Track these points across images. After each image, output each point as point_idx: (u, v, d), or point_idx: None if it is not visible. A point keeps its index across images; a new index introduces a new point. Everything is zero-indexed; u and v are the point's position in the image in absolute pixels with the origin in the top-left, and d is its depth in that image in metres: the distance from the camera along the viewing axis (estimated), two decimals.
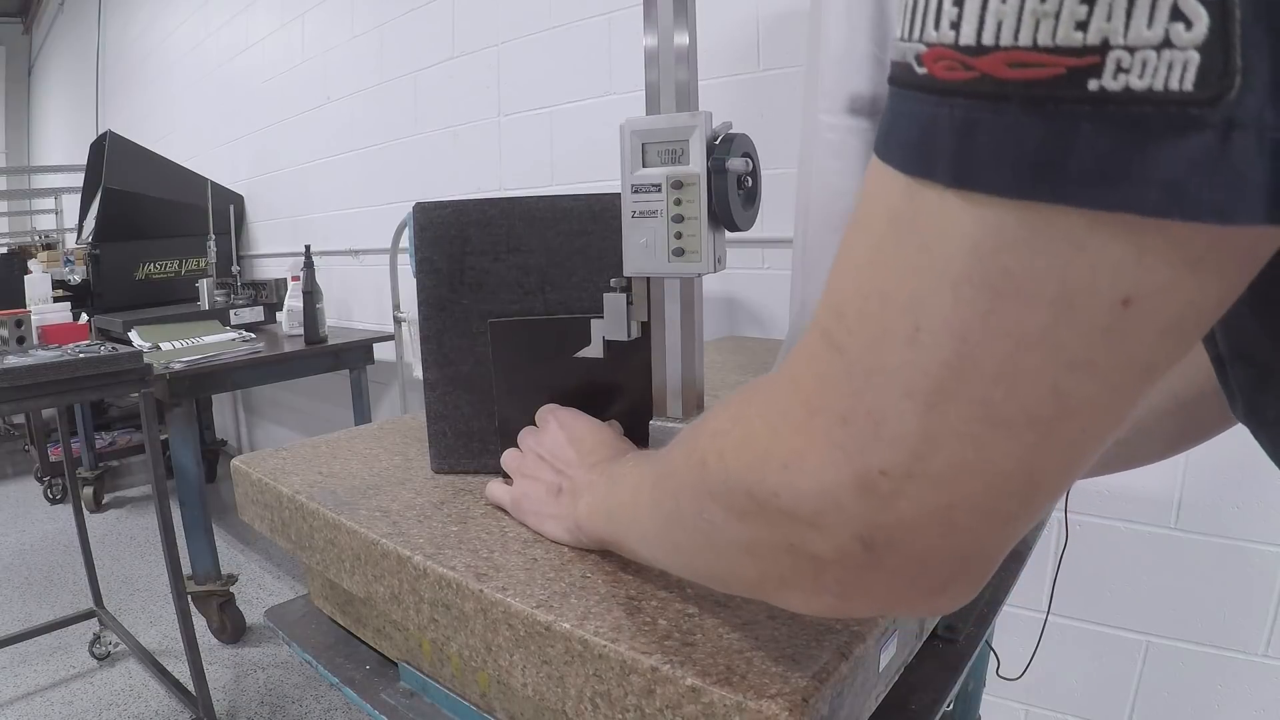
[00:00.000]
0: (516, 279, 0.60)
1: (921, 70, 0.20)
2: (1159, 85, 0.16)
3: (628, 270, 0.53)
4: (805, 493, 0.25)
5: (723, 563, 0.31)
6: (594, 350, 0.58)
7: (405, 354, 2.17)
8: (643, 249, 0.52)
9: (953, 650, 0.72)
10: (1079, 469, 0.23)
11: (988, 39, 0.18)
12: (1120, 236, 0.18)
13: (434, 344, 0.62)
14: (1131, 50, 0.16)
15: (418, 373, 1.35)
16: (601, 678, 0.38)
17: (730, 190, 0.50)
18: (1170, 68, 0.16)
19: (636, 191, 0.51)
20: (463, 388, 0.62)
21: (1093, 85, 0.17)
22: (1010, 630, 0.98)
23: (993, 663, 0.93)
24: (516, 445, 0.58)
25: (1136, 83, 0.17)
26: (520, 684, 0.42)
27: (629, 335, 0.57)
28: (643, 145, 0.51)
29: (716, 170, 0.49)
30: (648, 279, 0.55)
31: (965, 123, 0.19)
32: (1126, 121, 0.17)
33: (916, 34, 0.20)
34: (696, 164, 0.50)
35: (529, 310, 0.60)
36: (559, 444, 0.54)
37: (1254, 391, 0.31)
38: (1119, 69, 0.17)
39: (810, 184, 0.80)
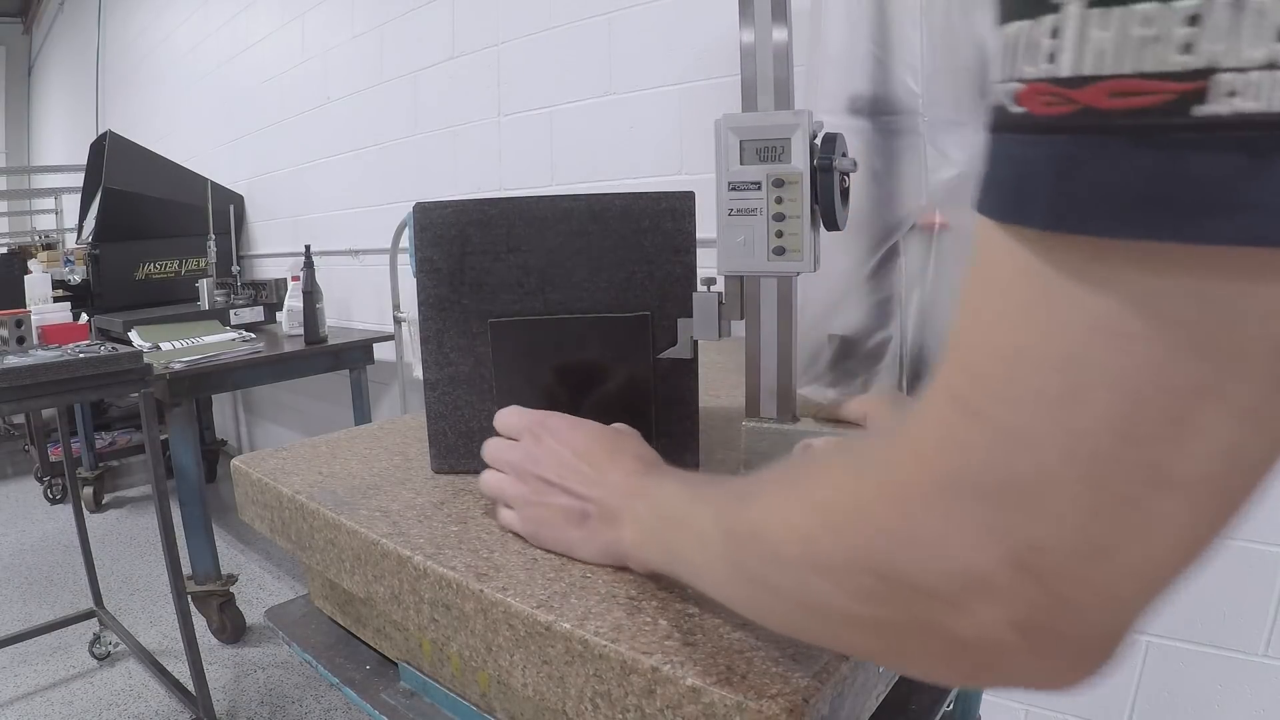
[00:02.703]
0: (516, 279, 0.60)
1: (1018, 109, 0.19)
2: (1273, 106, 0.16)
3: (723, 268, 0.52)
4: (946, 573, 0.23)
5: (830, 631, 0.29)
6: (682, 350, 0.57)
7: (405, 354, 2.17)
8: (740, 247, 0.51)
9: None
10: (1237, 521, 0.21)
11: (1088, 69, 0.17)
12: (1267, 274, 0.17)
13: (434, 344, 0.62)
14: (1240, 71, 0.16)
15: (418, 373, 1.35)
16: (602, 678, 0.38)
17: (835, 189, 0.49)
18: None
19: (734, 189, 0.50)
20: (463, 388, 0.62)
21: (1201, 111, 0.16)
22: None
23: None
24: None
25: (1247, 105, 0.16)
26: (520, 684, 0.42)
27: (719, 335, 0.56)
28: (740, 142, 0.50)
29: (823, 169, 0.49)
30: (741, 277, 0.54)
31: (1070, 160, 0.18)
32: (1240, 146, 0.16)
33: (1012, 72, 0.19)
34: (799, 162, 0.49)
35: (529, 310, 0.60)
36: (563, 462, 0.48)
37: None
38: (1228, 92, 0.16)
39: None
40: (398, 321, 2.16)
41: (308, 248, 2.22)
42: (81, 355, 1.47)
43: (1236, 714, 1.12)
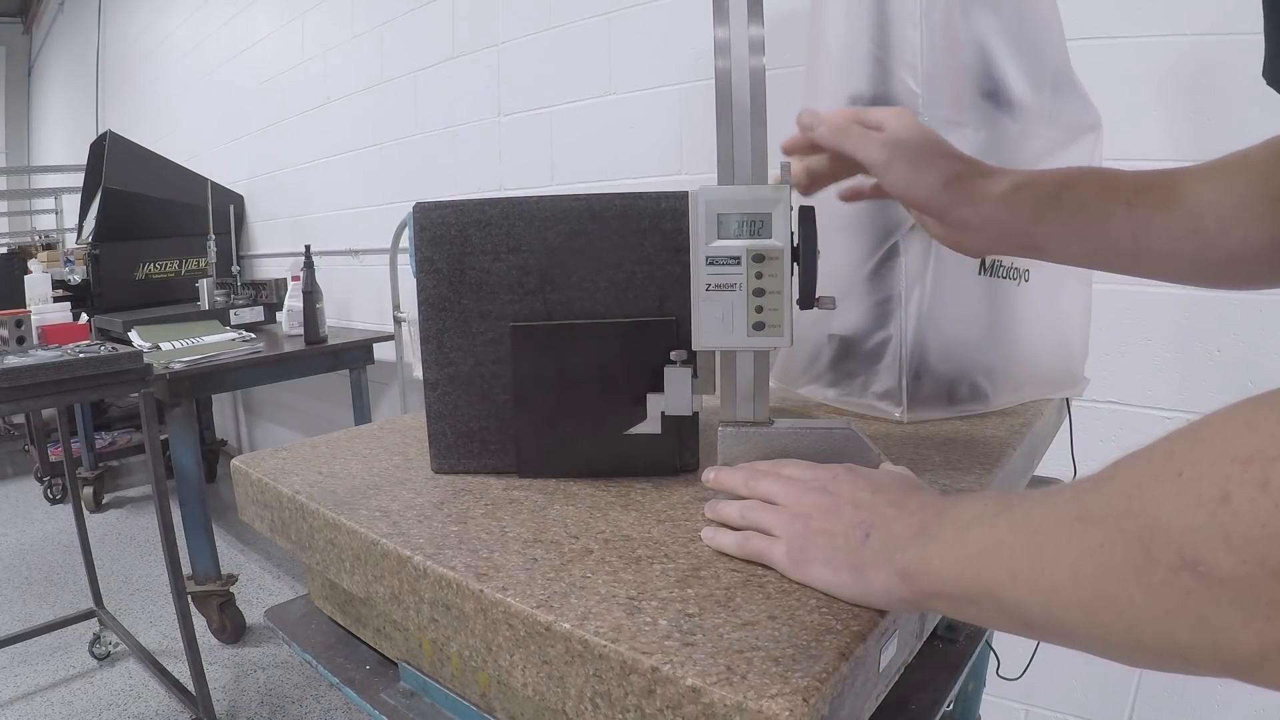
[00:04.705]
0: (516, 279, 0.60)
1: None
2: None
3: (700, 344, 0.51)
4: None
5: (1205, 633, 0.24)
6: (651, 426, 0.56)
7: (405, 354, 2.17)
8: (718, 322, 0.50)
9: (953, 650, 0.73)
10: None
11: None
12: None
13: (434, 344, 0.62)
14: None
15: (418, 373, 1.35)
16: (601, 678, 0.38)
17: (816, 266, 0.49)
18: None
19: (712, 264, 0.50)
20: (463, 388, 0.62)
21: None
22: None
23: (993, 663, 0.93)
24: (534, 454, 0.57)
25: None
26: (520, 684, 0.42)
27: (692, 410, 0.55)
28: (718, 216, 0.50)
29: (808, 248, 0.49)
30: (716, 351, 0.53)
31: None
32: None
33: None
34: (780, 238, 0.49)
35: (530, 310, 0.60)
36: (860, 489, 0.45)
37: None
38: None
39: None
40: (398, 321, 2.16)
41: (308, 248, 2.22)
42: (81, 355, 1.47)
43: (1236, 714, 1.12)
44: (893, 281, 0.75)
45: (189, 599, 1.73)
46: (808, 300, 0.50)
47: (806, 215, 0.50)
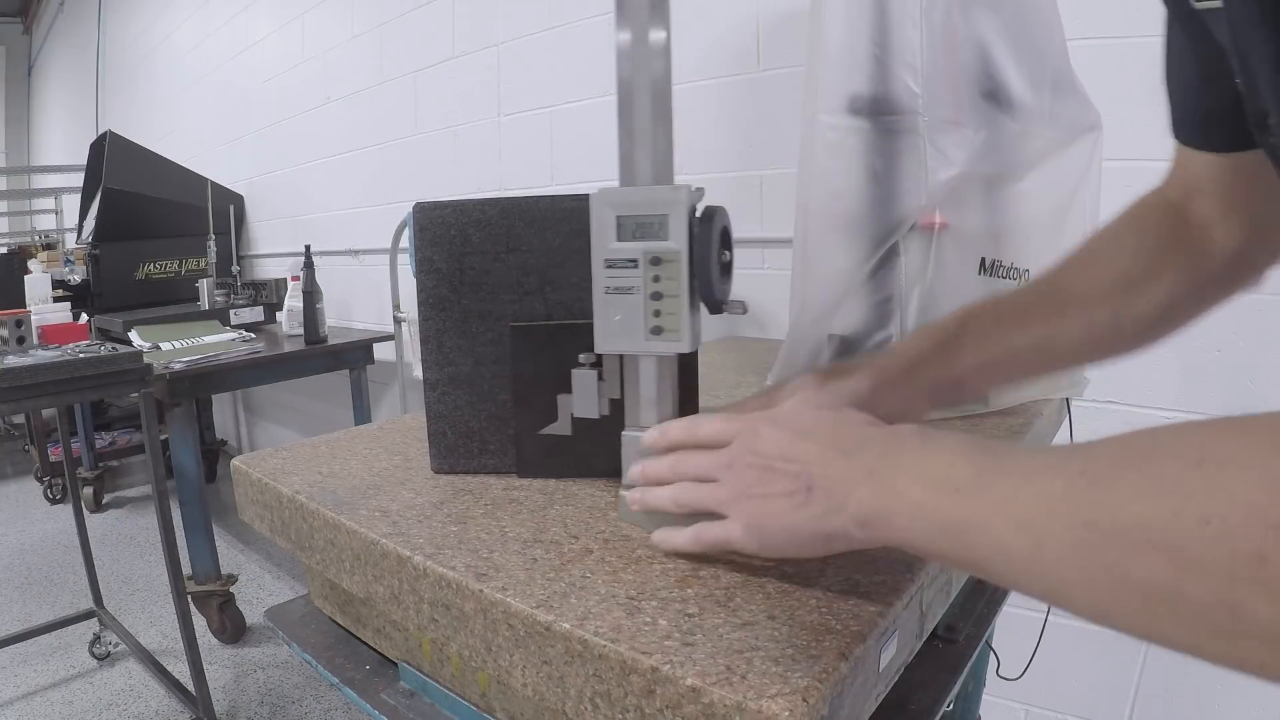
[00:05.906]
0: (516, 279, 0.60)
1: None
2: None
3: (600, 347, 0.51)
4: None
5: (1235, 654, 0.25)
6: (562, 428, 0.58)
7: (405, 354, 2.17)
8: (617, 325, 0.50)
9: (953, 650, 0.72)
10: None
11: None
12: None
13: (434, 344, 0.62)
14: None
15: (418, 373, 1.35)
16: (601, 678, 0.38)
17: (714, 268, 0.48)
18: None
19: (610, 267, 0.49)
20: (463, 388, 0.62)
21: None
22: (1010, 630, 0.98)
23: (993, 663, 0.93)
24: (533, 454, 0.57)
25: None
26: (520, 684, 0.42)
27: (599, 413, 0.56)
28: (617, 219, 0.49)
29: (701, 250, 0.48)
30: (620, 356, 0.53)
31: None
32: None
33: None
34: (677, 240, 0.48)
35: (529, 310, 0.60)
36: (786, 443, 0.42)
37: None
38: None
39: (810, 184, 0.80)
40: (398, 321, 2.16)
41: (308, 248, 2.22)
42: (81, 355, 1.47)
43: (1236, 714, 1.12)
44: (893, 281, 0.75)
45: (189, 599, 1.73)
46: (709, 301, 0.49)
47: (706, 216, 0.49)
